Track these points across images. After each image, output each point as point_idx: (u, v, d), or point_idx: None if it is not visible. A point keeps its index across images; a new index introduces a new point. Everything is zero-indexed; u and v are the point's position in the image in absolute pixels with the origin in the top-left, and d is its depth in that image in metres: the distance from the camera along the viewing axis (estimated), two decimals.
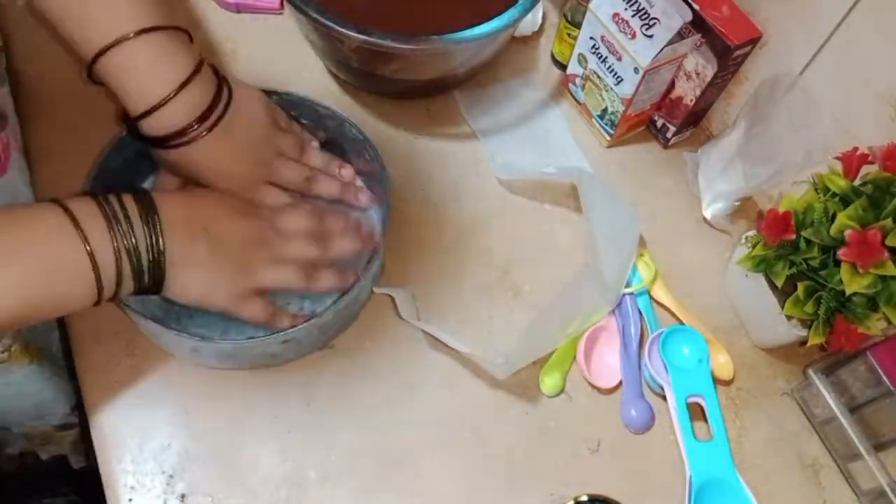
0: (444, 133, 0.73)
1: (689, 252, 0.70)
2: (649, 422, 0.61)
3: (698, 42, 0.66)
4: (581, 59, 0.72)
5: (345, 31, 0.58)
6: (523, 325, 0.63)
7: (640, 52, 0.64)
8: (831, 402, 0.59)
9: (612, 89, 0.69)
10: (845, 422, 0.58)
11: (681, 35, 0.63)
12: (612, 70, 0.68)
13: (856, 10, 0.57)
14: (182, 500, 0.53)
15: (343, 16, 0.58)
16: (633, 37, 0.64)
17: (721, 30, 0.63)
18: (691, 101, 0.70)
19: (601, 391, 0.62)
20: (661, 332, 0.62)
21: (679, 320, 0.65)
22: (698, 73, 0.68)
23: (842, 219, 0.53)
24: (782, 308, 0.58)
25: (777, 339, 0.63)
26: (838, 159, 0.56)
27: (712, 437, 0.59)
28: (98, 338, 0.58)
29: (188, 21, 0.75)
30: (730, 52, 0.64)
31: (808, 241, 0.55)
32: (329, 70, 0.74)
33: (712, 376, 0.61)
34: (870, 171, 0.55)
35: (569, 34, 0.74)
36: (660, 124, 0.75)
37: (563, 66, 0.77)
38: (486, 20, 0.61)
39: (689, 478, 0.58)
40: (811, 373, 0.61)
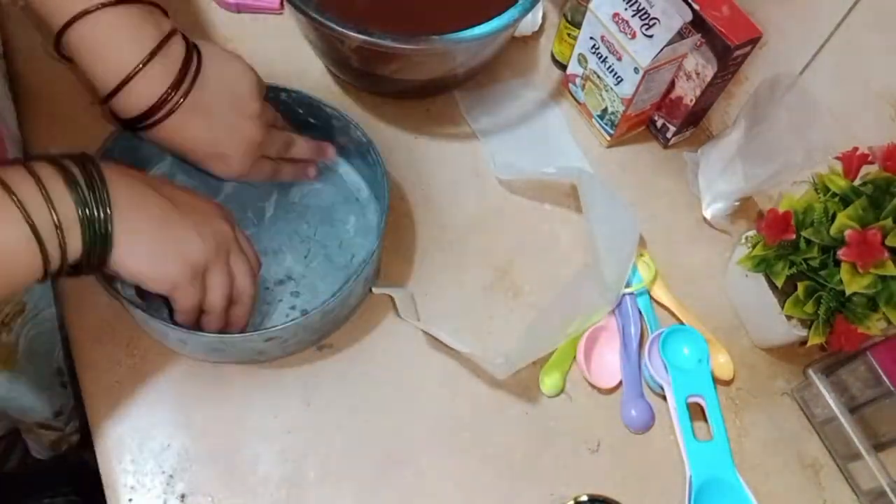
0: (444, 133, 0.73)
1: (689, 252, 0.70)
2: (649, 422, 0.61)
3: (698, 42, 0.66)
4: (581, 59, 0.72)
5: (345, 31, 0.58)
6: (523, 325, 0.63)
7: (640, 52, 0.64)
8: (831, 402, 0.59)
9: (612, 89, 0.69)
10: (845, 422, 0.58)
11: (681, 35, 0.63)
12: (612, 70, 0.68)
13: (856, 10, 0.57)
14: (182, 500, 0.53)
15: (343, 16, 0.58)
16: (633, 37, 0.64)
17: (721, 30, 0.64)
18: (691, 101, 0.70)
19: (601, 391, 0.62)
20: (661, 332, 0.62)
21: (679, 320, 0.65)
22: (698, 73, 0.68)
23: (842, 219, 0.53)
24: (782, 308, 0.58)
25: (777, 339, 0.63)
26: (838, 159, 0.56)
27: (712, 437, 0.59)
28: (98, 338, 0.58)
29: (188, 21, 0.75)
30: (730, 52, 0.64)
31: (808, 241, 0.55)
32: (329, 70, 0.74)
33: (712, 376, 0.61)
34: (870, 171, 0.55)
35: (569, 34, 0.74)
36: (660, 124, 0.75)
37: (563, 66, 0.77)
38: (486, 20, 0.61)
39: (689, 478, 0.58)
40: (811, 373, 0.61)
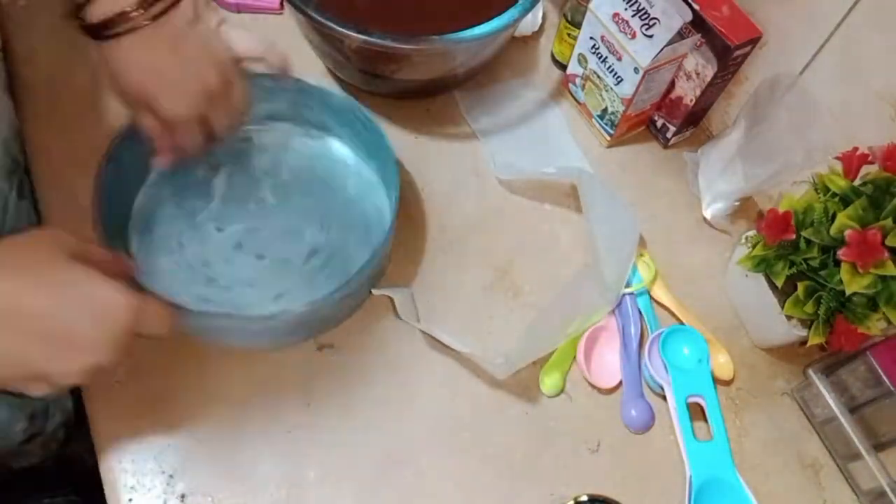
0: (444, 133, 0.73)
1: (689, 252, 0.70)
2: (649, 422, 0.61)
3: (698, 42, 0.66)
4: (581, 59, 0.72)
5: (345, 31, 0.58)
6: (523, 325, 0.63)
7: (640, 52, 0.64)
8: (831, 402, 0.59)
9: (612, 89, 0.69)
10: (845, 422, 0.58)
11: (681, 35, 0.63)
12: (612, 70, 0.68)
13: (856, 10, 0.57)
14: (182, 500, 0.53)
15: (343, 16, 0.58)
16: (633, 37, 0.64)
17: (721, 30, 0.64)
18: (691, 101, 0.70)
19: (601, 391, 0.62)
20: (661, 332, 0.62)
21: (679, 320, 0.65)
22: (698, 73, 0.68)
23: (842, 219, 0.53)
24: (782, 308, 0.58)
25: (777, 339, 0.63)
26: (838, 159, 0.56)
27: (712, 437, 0.59)
28: None
29: None
30: (730, 52, 0.64)
31: (808, 241, 0.55)
32: (329, 70, 0.74)
33: (712, 376, 0.61)
34: (870, 171, 0.55)
35: (569, 34, 0.74)
36: (660, 124, 0.75)
37: (563, 66, 0.77)
38: (486, 20, 0.61)
39: (689, 478, 0.58)
40: (811, 373, 0.61)
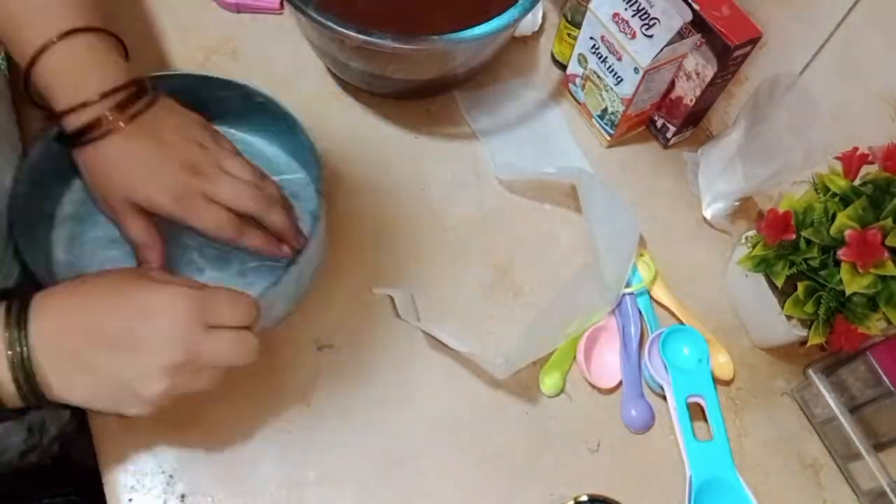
0: (444, 133, 0.73)
1: (689, 252, 0.70)
2: (649, 422, 0.61)
3: (698, 42, 0.66)
4: (581, 59, 0.72)
5: (345, 31, 0.58)
6: (523, 325, 0.63)
7: (640, 52, 0.64)
8: (831, 402, 0.59)
9: (612, 89, 0.69)
10: (845, 422, 0.58)
11: (681, 35, 0.63)
12: (612, 70, 0.68)
13: (856, 10, 0.57)
14: (182, 500, 0.53)
15: (343, 16, 0.58)
16: (633, 37, 0.64)
17: (721, 30, 0.63)
18: (691, 101, 0.70)
19: (601, 391, 0.62)
20: (661, 332, 0.62)
21: (679, 320, 0.65)
22: (698, 73, 0.68)
23: (842, 219, 0.53)
24: (782, 308, 0.58)
25: (777, 339, 0.63)
26: (838, 159, 0.56)
27: (712, 437, 0.59)
28: None
29: (188, 22, 0.75)
30: (730, 52, 0.64)
31: (808, 241, 0.55)
32: (329, 70, 0.74)
33: (712, 376, 0.61)
34: (870, 171, 0.55)
35: (569, 34, 0.74)
36: (660, 124, 0.75)
37: (563, 66, 0.77)
38: (486, 20, 0.61)
39: (689, 478, 0.58)
40: (811, 373, 0.61)
